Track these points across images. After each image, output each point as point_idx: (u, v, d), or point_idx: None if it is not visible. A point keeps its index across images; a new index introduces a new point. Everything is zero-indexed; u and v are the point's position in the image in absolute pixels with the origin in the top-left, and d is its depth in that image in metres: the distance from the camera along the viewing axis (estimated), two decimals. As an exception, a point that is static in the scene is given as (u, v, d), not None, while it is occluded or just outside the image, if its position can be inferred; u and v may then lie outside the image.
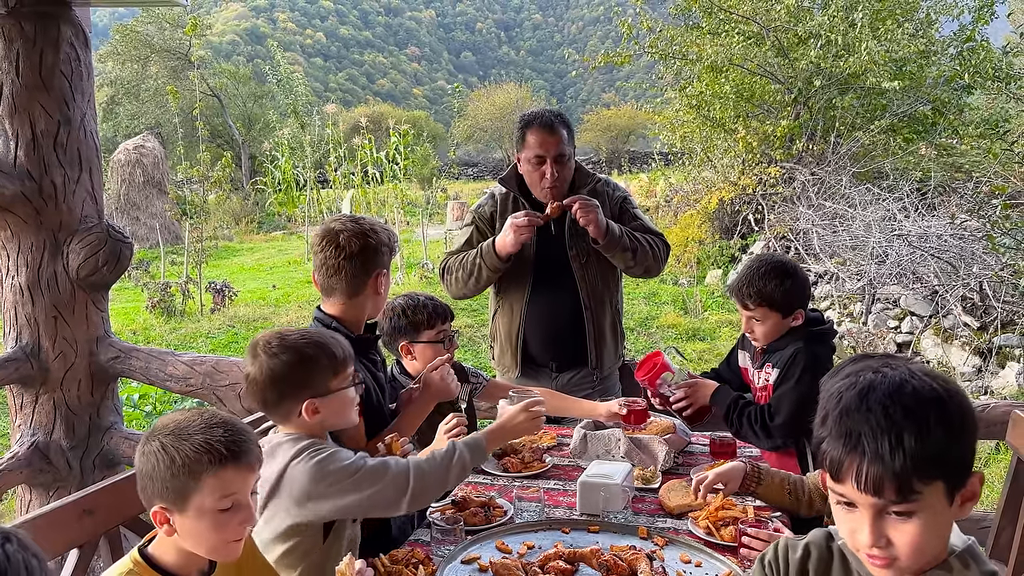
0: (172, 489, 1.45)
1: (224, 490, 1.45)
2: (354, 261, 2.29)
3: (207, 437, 1.45)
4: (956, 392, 1.17)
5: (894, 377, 1.16)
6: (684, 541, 2.05)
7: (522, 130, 3.04)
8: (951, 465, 1.14)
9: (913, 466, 1.11)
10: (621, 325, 3.29)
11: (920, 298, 6.94)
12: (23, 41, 3.55)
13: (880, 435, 1.12)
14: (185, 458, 1.44)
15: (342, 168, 21.70)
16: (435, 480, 1.90)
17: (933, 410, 1.13)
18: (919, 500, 1.13)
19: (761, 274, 2.55)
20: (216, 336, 8.85)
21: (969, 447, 1.17)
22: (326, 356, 1.86)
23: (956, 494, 1.15)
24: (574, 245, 3.10)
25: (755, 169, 10.66)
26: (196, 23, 11.78)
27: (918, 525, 1.14)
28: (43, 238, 3.66)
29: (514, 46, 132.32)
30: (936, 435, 1.12)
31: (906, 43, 9.98)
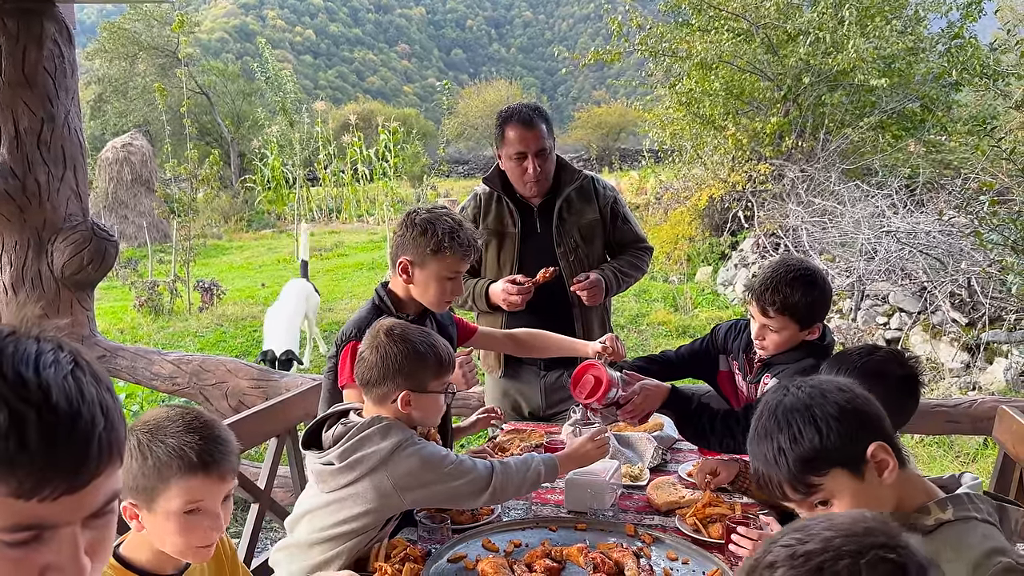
0: (141, 487, 1.47)
1: (191, 496, 1.47)
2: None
3: (181, 442, 1.46)
4: (823, 392, 1.37)
5: (771, 400, 1.41)
6: (671, 539, 2.04)
7: (501, 127, 3.02)
8: (835, 452, 1.33)
9: (799, 465, 1.33)
10: (610, 322, 3.27)
11: (909, 294, 6.97)
12: (6, 38, 3.53)
13: (766, 451, 1.36)
14: (156, 459, 1.46)
15: (332, 166, 21.64)
16: (513, 483, 2.01)
17: (798, 415, 1.34)
18: (824, 489, 1.33)
19: (788, 281, 2.30)
20: (204, 335, 8.81)
21: (846, 432, 1.34)
22: (435, 358, 1.98)
23: (862, 468, 1.34)
24: (562, 241, 3.07)
25: (745, 166, 10.68)
26: (184, 20, 11.72)
27: (841, 507, 1.33)
28: (27, 236, 3.64)
29: (504, 43, 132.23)
30: (808, 434, 1.33)
31: (894, 40, 10.01)
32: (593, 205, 3.12)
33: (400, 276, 2.39)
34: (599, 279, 2.98)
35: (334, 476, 1.91)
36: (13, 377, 0.75)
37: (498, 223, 3.12)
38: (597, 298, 2.98)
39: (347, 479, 1.89)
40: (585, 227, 3.10)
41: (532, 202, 3.11)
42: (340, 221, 20.34)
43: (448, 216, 2.35)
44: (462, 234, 2.33)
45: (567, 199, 3.10)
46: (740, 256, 10.01)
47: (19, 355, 0.77)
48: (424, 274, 2.35)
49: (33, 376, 0.76)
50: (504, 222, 3.11)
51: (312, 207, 21.05)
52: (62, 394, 0.76)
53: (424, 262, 2.33)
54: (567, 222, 3.09)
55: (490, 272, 3.14)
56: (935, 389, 6.01)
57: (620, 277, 3.10)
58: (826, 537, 0.89)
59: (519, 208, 3.10)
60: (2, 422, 0.73)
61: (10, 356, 0.76)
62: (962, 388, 5.97)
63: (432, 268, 2.33)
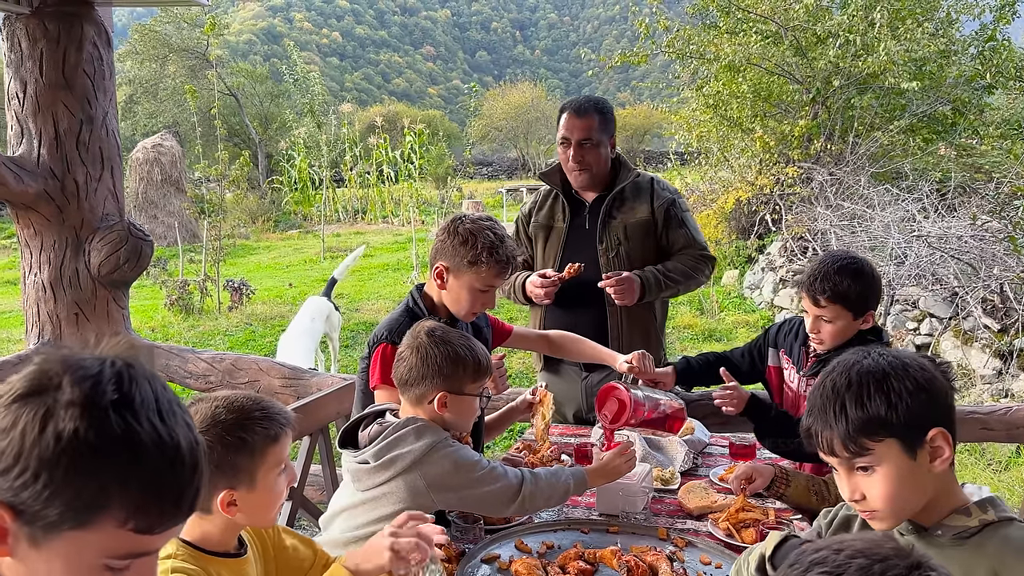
0: (242, 469, 1.51)
1: (279, 458, 1.56)
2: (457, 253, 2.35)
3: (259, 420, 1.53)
4: (905, 366, 1.35)
5: (849, 359, 1.39)
6: (704, 543, 2.04)
7: (558, 114, 3.09)
8: (898, 425, 1.31)
9: (857, 427, 1.32)
10: (657, 328, 3.16)
11: (939, 300, 6.88)
12: (47, 41, 3.59)
13: (827, 405, 1.35)
14: (252, 442, 1.51)
15: (357, 167, 21.79)
16: (543, 495, 2.01)
17: (873, 380, 1.33)
18: (873, 455, 1.33)
19: (836, 269, 2.33)
20: (234, 334, 8.90)
21: (915, 409, 1.32)
22: (473, 362, 2.00)
23: (916, 450, 1.33)
24: (604, 238, 3.05)
25: (772, 169, 10.60)
26: (215, 23, 11.84)
27: (883, 478, 1.33)
28: (65, 236, 3.70)
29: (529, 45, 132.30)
30: (876, 401, 1.32)
31: (926, 43, 9.89)
32: (646, 205, 3.06)
33: (435, 280, 2.41)
34: (631, 278, 2.92)
35: (369, 475, 1.93)
36: (150, 430, 0.84)
37: (549, 218, 3.16)
38: (627, 298, 2.92)
39: (381, 478, 1.92)
40: (632, 226, 3.05)
41: (586, 198, 3.11)
42: (365, 222, 20.46)
43: (491, 230, 2.35)
44: (502, 250, 2.33)
45: (619, 196, 3.07)
46: (767, 260, 9.93)
47: (148, 403, 0.85)
48: (458, 283, 2.37)
49: (163, 427, 0.85)
50: (555, 216, 3.15)
51: (338, 208, 21.21)
52: (188, 446, 0.87)
53: (460, 271, 2.35)
54: (614, 220, 3.05)
55: (538, 265, 3.17)
56: (966, 396, 5.93)
57: (664, 281, 3.00)
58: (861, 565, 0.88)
59: (572, 204, 3.12)
60: (144, 477, 0.83)
61: (142, 404, 0.84)
62: (994, 395, 5.89)
63: (467, 278, 2.35)
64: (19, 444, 0.81)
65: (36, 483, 0.80)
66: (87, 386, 0.82)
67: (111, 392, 0.83)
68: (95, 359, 0.86)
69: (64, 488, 0.81)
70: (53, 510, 0.82)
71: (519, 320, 8.90)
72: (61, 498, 0.81)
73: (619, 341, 3.02)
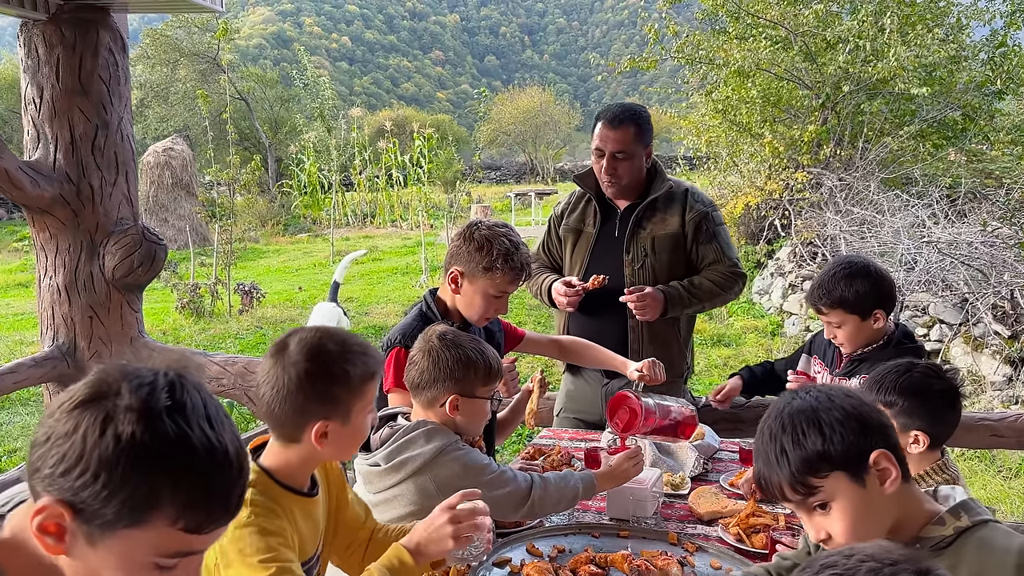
0: (341, 402, 1.55)
1: (372, 394, 1.61)
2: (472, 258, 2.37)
3: (358, 357, 1.56)
4: (830, 398, 1.37)
5: (779, 403, 1.41)
6: (715, 548, 2.05)
7: (594, 121, 3.04)
8: (837, 456, 1.32)
9: (800, 467, 1.33)
10: (681, 340, 3.11)
11: (949, 306, 6.86)
12: (63, 47, 3.63)
13: (769, 451, 1.37)
14: (354, 377, 1.55)
15: (367, 171, 21.86)
16: (552, 499, 2.04)
17: (803, 418, 1.34)
18: (823, 491, 1.33)
19: (831, 276, 2.45)
20: (244, 337, 8.94)
21: (849, 437, 1.33)
22: (484, 364, 2.02)
23: (864, 476, 1.33)
24: (631, 249, 3.01)
25: (782, 174, 10.59)
26: (226, 27, 11.91)
27: (840, 512, 1.33)
28: (80, 240, 3.73)
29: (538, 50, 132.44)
30: (811, 437, 1.32)
31: (936, 48, 9.87)
32: (677, 217, 3.00)
33: (449, 285, 2.43)
34: (654, 294, 2.88)
35: (380, 477, 1.95)
36: (200, 434, 0.90)
37: (579, 222, 3.13)
38: (648, 314, 2.88)
39: (392, 480, 1.94)
40: (661, 238, 2.99)
41: (618, 205, 3.07)
42: (374, 226, 20.52)
43: (507, 237, 2.37)
44: (516, 257, 2.35)
45: (650, 206, 3.02)
46: (776, 265, 9.92)
47: (198, 410, 0.92)
48: (472, 288, 2.39)
49: (212, 432, 0.92)
50: (585, 221, 3.12)
51: (347, 212, 21.28)
52: (234, 449, 0.94)
53: (475, 276, 2.37)
54: (643, 230, 3.00)
55: (565, 269, 3.17)
56: (977, 402, 5.91)
57: (688, 297, 2.95)
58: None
59: (603, 209, 3.08)
60: (194, 478, 0.90)
61: (193, 411, 0.91)
62: (1004, 402, 5.87)
63: (480, 284, 2.37)
64: (80, 446, 0.87)
65: (96, 483, 0.86)
66: (144, 393, 0.89)
67: (165, 399, 0.90)
68: (150, 370, 0.94)
69: (121, 487, 0.87)
70: (110, 509, 0.88)
71: (528, 324, 8.94)
72: (118, 497, 0.87)
73: (639, 354, 3.00)
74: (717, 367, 7.33)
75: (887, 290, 2.48)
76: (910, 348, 2.48)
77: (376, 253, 15.57)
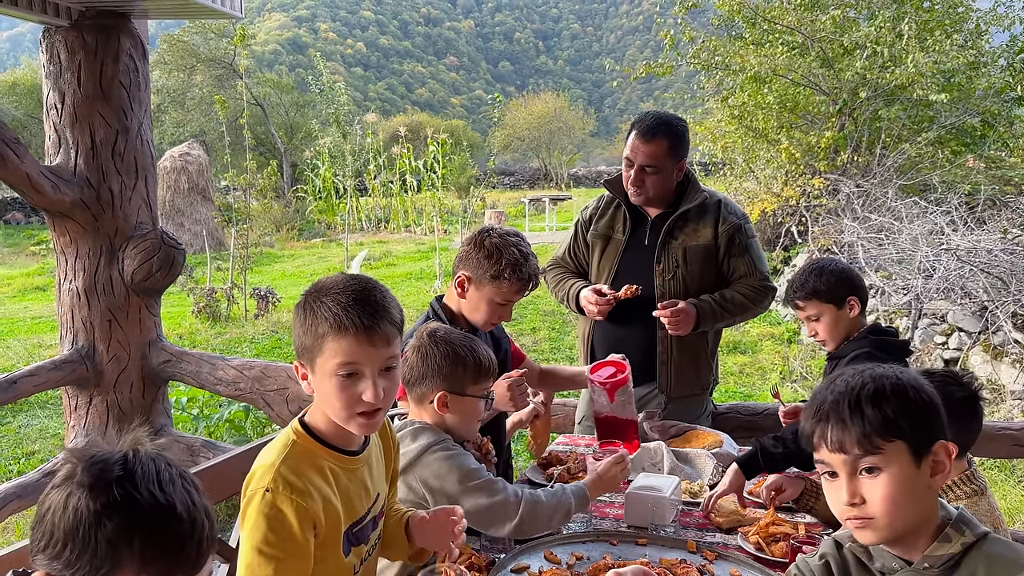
0: (304, 347, 1.52)
1: (344, 358, 1.48)
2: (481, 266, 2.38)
3: (336, 302, 1.48)
4: (917, 378, 1.37)
5: (861, 366, 1.40)
6: (734, 556, 2.03)
7: (629, 129, 3.00)
8: (910, 428, 1.32)
9: (872, 422, 1.32)
10: (708, 352, 3.07)
11: (968, 314, 6.80)
12: (85, 53, 3.67)
13: (842, 400, 1.35)
14: (313, 318, 1.49)
15: (381, 176, 21.94)
16: (543, 515, 1.98)
17: (887, 383, 1.34)
18: (882, 455, 1.32)
19: (802, 273, 2.59)
20: (260, 341, 8.98)
21: (927, 418, 1.34)
22: (474, 361, 2.01)
23: (922, 458, 1.33)
24: (662, 259, 2.96)
25: (798, 180, 10.54)
26: (243, 33, 12.00)
27: (887, 481, 1.32)
28: (100, 244, 3.77)
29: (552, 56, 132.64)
30: (890, 400, 1.32)
31: (955, 54, 9.80)
32: (710, 229, 2.95)
33: (456, 289, 2.43)
34: (687, 309, 2.84)
35: None
36: (147, 496, 1.02)
37: (608, 228, 3.09)
38: (681, 329, 2.84)
39: None
40: (692, 249, 2.94)
41: (648, 213, 3.03)
42: (388, 231, 20.58)
43: (517, 247, 2.36)
44: (525, 268, 2.35)
45: (683, 216, 2.96)
46: (793, 272, 9.87)
47: (148, 476, 1.04)
48: (478, 294, 2.39)
49: (161, 494, 1.03)
50: (614, 227, 3.07)
51: (361, 217, 21.36)
52: (184, 507, 1.05)
53: (482, 283, 2.37)
54: (675, 240, 2.95)
55: (592, 275, 3.13)
56: (996, 411, 5.85)
57: (720, 312, 2.91)
58: None
59: (633, 216, 3.03)
60: (147, 537, 1.01)
61: (142, 477, 1.03)
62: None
63: (487, 291, 2.37)
64: (51, 523, 1.01)
65: (65, 551, 1.00)
66: (96, 469, 1.02)
67: (117, 470, 1.03)
68: (108, 449, 1.07)
69: (84, 552, 1.00)
70: (80, 571, 1.00)
71: (542, 330, 8.93)
72: (83, 560, 1.00)
73: (667, 365, 2.98)
74: (733, 374, 7.29)
75: (857, 280, 2.59)
76: (881, 342, 2.51)
77: (390, 258, 15.62)
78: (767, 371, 7.35)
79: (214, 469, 2.34)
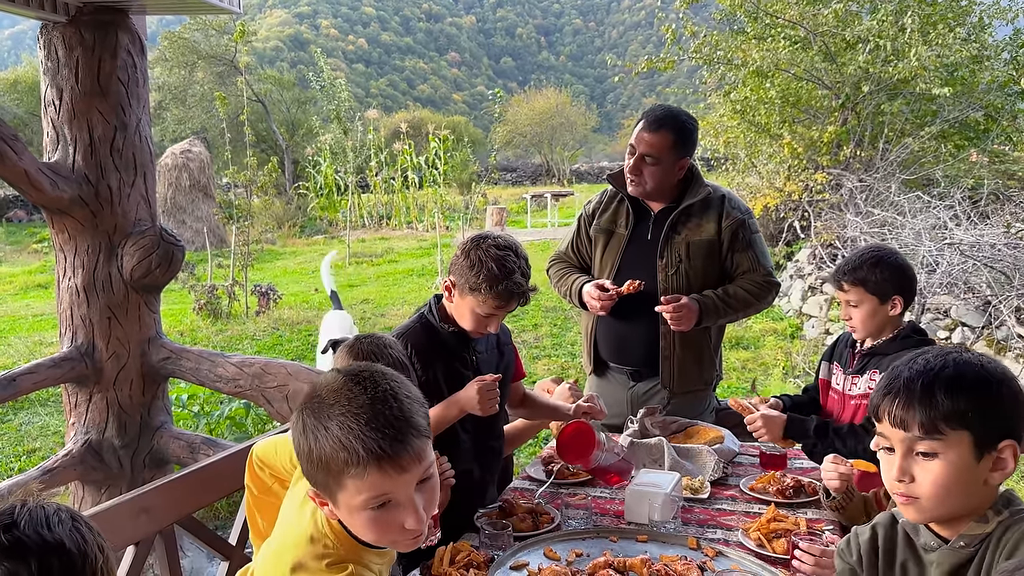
0: (318, 482, 1.28)
1: (372, 493, 1.24)
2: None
3: (345, 427, 1.21)
4: (1001, 372, 1.32)
5: (948, 348, 1.39)
6: (735, 553, 2.02)
7: (638, 118, 2.97)
8: (978, 420, 1.29)
9: (940, 407, 1.29)
10: (711, 348, 3.06)
11: (972, 308, 6.77)
12: (82, 49, 3.65)
13: (916, 378, 1.32)
14: (318, 448, 1.23)
15: (383, 173, 21.91)
16: None
17: (970, 371, 1.31)
18: (943, 441, 1.30)
19: (859, 256, 2.55)
20: (261, 338, 8.98)
21: (1002, 414, 1.30)
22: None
23: (984, 452, 1.30)
24: (665, 254, 2.94)
25: (801, 175, 10.50)
26: (244, 30, 11.97)
27: (941, 467, 1.31)
28: (99, 241, 3.75)
29: (554, 51, 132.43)
30: (966, 389, 1.29)
31: (958, 48, 9.74)
32: (714, 224, 2.92)
33: (445, 292, 2.42)
34: (690, 304, 2.82)
35: None
36: (35, 537, 1.13)
37: (611, 222, 3.06)
38: (684, 324, 2.82)
39: None
40: (695, 244, 2.92)
41: (652, 207, 3.01)
42: (390, 227, 20.57)
43: (502, 261, 2.27)
44: (504, 285, 2.26)
45: (686, 211, 2.94)
46: (796, 267, 9.84)
47: (36, 520, 1.15)
48: (462, 302, 2.36)
49: (49, 533, 1.14)
50: (617, 222, 3.05)
51: (363, 214, 21.34)
52: (74, 543, 1.16)
53: (464, 292, 2.33)
54: (678, 235, 2.93)
55: (595, 270, 3.11)
56: (1000, 406, 5.82)
57: (723, 307, 2.89)
58: None
59: (636, 211, 3.02)
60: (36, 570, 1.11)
61: (29, 522, 1.15)
62: (1029, 406, 5.78)
63: (468, 300, 2.33)
64: None
65: None
66: None
67: (4, 519, 1.14)
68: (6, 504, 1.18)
69: None
70: None
71: (544, 327, 8.91)
72: None
73: (670, 360, 2.97)
74: (736, 370, 7.27)
75: (909, 280, 2.55)
76: (918, 341, 2.50)
77: (392, 255, 15.60)
78: (770, 367, 7.33)
79: (213, 467, 2.32)
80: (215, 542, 2.32)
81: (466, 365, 2.44)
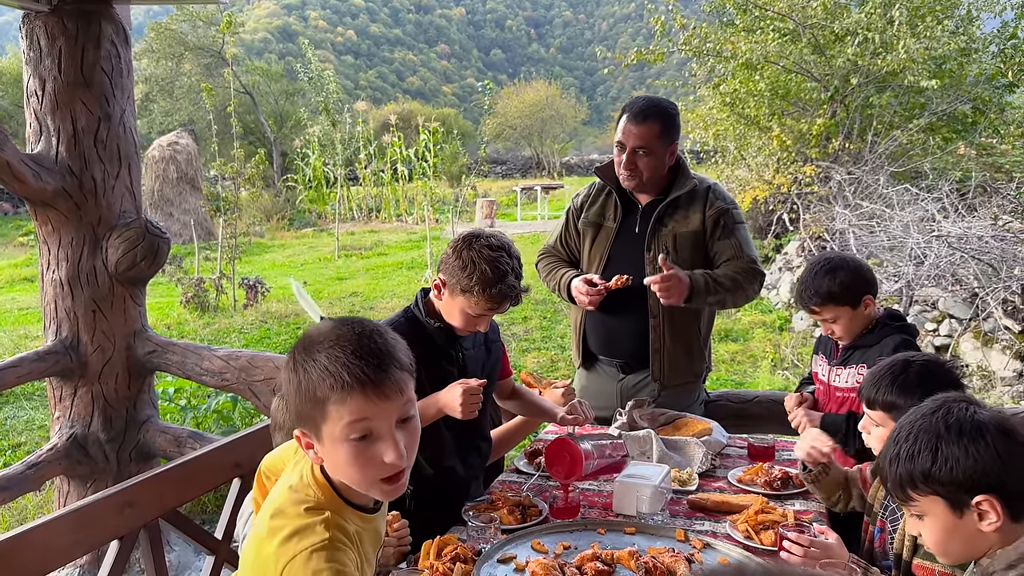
0: (304, 415, 1.32)
1: (352, 418, 1.28)
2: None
3: (332, 356, 1.27)
4: (982, 429, 1.38)
5: (926, 408, 1.46)
6: (723, 544, 2.02)
7: (620, 113, 2.95)
8: (943, 484, 1.38)
9: (904, 477, 1.42)
10: (700, 340, 3.06)
11: (959, 301, 6.81)
12: (65, 39, 3.60)
13: (890, 449, 1.46)
14: (308, 381, 1.29)
15: (372, 166, 21.84)
16: None
17: (926, 437, 1.40)
18: (918, 505, 1.43)
19: (814, 275, 2.53)
20: (249, 331, 8.93)
21: (964, 473, 1.36)
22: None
23: (962, 509, 1.38)
24: (652, 246, 2.93)
25: (790, 168, 10.52)
26: (231, 21, 11.87)
27: (930, 527, 1.44)
28: (83, 233, 3.71)
29: (544, 43, 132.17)
30: (925, 458, 1.39)
31: (946, 41, 9.77)
32: (699, 215, 2.92)
33: (434, 291, 2.40)
34: (679, 275, 2.77)
35: None
36: None
37: (599, 215, 3.06)
38: (674, 296, 2.78)
39: None
40: (682, 236, 2.92)
41: (640, 200, 3.00)
42: (379, 220, 20.51)
43: (495, 263, 2.25)
44: (497, 287, 2.24)
45: (673, 203, 2.94)
46: (785, 260, 9.87)
47: None
48: (452, 301, 2.33)
49: None
50: (605, 215, 3.05)
51: (352, 206, 21.27)
52: None
53: (454, 291, 2.31)
54: (665, 227, 2.93)
55: (583, 263, 3.10)
56: (987, 398, 5.86)
57: (712, 285, 2.86)
58: None
59: (624, 204, 3.01)
60: None
61: None
62: (1014, 398, 5.82)
63: (459, 300, 2.31)
64: None
65: None
66: None
67: None
68: None
69: None
70: None
71: (533, 319, 8.90)
72: None
73: (660, 353, 2.96)
74: (725, 362, 7.29)
75: (868, 275, 2.57)
76: (896, 327, 2.52)
77: (381, 248, 15.55)
78: (758, 359, 7.35)
79: (199, 460, 2.30)
80: (201, 536, 2.30)
81: (452, 362, 2.42)
